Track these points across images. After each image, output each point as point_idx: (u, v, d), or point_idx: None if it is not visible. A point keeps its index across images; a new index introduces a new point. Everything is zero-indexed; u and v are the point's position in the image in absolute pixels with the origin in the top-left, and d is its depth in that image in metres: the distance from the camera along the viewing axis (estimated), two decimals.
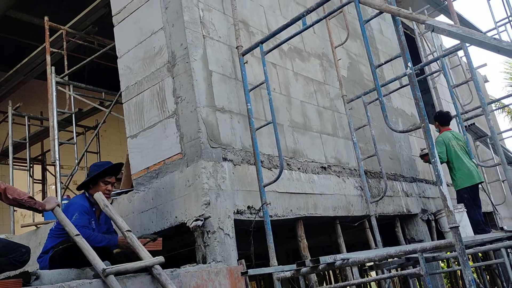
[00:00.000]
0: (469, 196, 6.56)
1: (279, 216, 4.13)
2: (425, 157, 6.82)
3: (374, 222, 5.29)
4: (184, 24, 3.95)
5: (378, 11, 3.44)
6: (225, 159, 3.86)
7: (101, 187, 3.63)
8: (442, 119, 6.82)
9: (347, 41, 6.12)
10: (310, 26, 3.90)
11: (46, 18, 6.13)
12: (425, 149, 6.66)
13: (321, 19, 3.96)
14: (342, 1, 4.31)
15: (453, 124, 8.76)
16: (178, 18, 4.01)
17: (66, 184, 6.21)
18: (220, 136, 3.91)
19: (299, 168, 4.64)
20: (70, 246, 3.16)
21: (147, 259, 3.00)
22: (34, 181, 8.37)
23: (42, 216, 5.82)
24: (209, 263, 3.45)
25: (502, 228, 6.65)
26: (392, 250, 3.36)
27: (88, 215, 3.49)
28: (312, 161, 4.89)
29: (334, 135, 5.45)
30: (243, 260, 3.59)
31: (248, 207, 3.89)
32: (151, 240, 3.45)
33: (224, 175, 3.77)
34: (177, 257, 3.78)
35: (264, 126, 4.10)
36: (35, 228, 5.41)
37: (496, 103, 11.21)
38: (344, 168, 5.36)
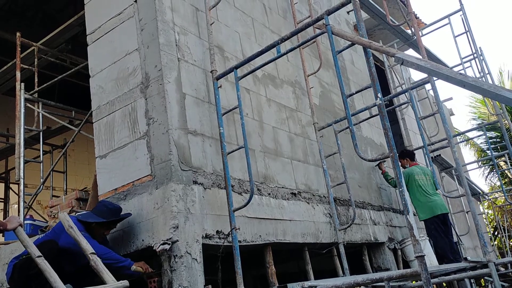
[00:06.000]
0: (436, 226, 6.73)
1: (248, 242, 4.11)
2: (380, 165, 7.22)
3: (342, 249, 5.31)
4: (160, 46, 3.96)
5: (350, 42, 3.54)
6: (195, 183, 3.83)
7: (104, 230, 3.65)
8: (411, 156, 7.42)
9: (319, 70, 6.24)
10: (284, 54, 3.97)
11: (18, 34, 6.06)
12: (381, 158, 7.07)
13: (295, 48, 4.03)
14: (315, 31, 4.43)
15: (420, 155, 8.99)
16: (154, 40, 4.02)
17: (30, 204, 6.02)
18: (191, 159, 3.89)
19: (269, 194, 4.64)
20: (30, 259, 3.08)
21: (111, 283, 2.92)
22: None
23: (3, 236, 5.60)
24: None
25: (466, 259, 6.79)
26: (359, 278, 3.37)
27: None
28: (283, 187, 4.90)
29: (305, 162, 5.49)
30: (209, 286, 3.53)
31: (217, 231, 3.85)
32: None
33: (194, 199, 3.74)
34: (144, 281, 3.68)
35: (236, 150, 4.11)
36: None
37: (461, 135, 11.57)
38: (313, 195, 5.40)
